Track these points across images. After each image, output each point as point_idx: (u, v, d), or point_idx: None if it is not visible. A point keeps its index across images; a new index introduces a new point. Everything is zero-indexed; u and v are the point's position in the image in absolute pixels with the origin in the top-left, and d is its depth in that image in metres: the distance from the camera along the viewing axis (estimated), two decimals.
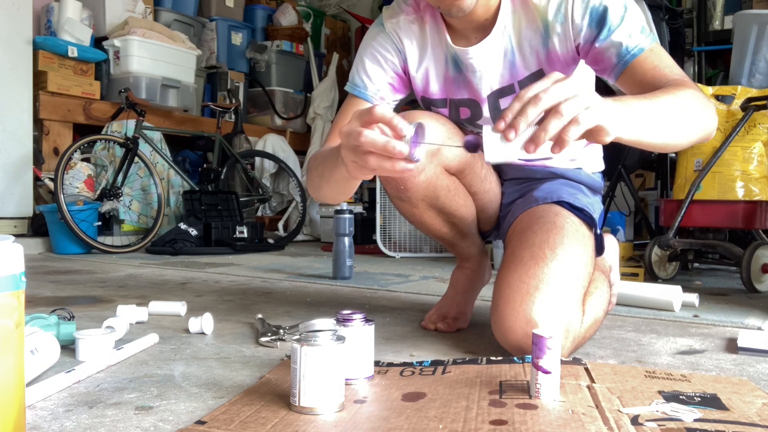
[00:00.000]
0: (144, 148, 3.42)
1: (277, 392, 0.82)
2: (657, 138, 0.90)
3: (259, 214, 4.36)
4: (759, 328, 1.41)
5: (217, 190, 3.72)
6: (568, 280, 1.00)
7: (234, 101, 4.11)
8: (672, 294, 1.61)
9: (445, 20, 1.15)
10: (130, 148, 3.27)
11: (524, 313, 0.97)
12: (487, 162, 0.80)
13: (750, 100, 2.25)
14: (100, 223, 3.27)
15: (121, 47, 3.63)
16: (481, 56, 1.13)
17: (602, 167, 1.36)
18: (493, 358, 0.94)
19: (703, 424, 0.68)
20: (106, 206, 3.31)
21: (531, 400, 0.76)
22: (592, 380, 0.84)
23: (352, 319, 0.87)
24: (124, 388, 0.89)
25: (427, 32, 1.18)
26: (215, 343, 1.19)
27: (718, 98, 2.40)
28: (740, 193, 2.27)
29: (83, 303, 1.67)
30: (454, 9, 1.04)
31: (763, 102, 2.20)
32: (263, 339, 1.18)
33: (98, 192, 3.31)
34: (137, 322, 1.36)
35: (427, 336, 1.27)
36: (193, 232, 3.36)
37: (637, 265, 2.36)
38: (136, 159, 3.33)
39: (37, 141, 3.40)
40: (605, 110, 0.78)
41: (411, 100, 1.58)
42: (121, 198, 3.36)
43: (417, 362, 0.95)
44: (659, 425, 0.68)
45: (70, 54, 3.42)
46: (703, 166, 2.25)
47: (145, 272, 2.42)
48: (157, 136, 3.62)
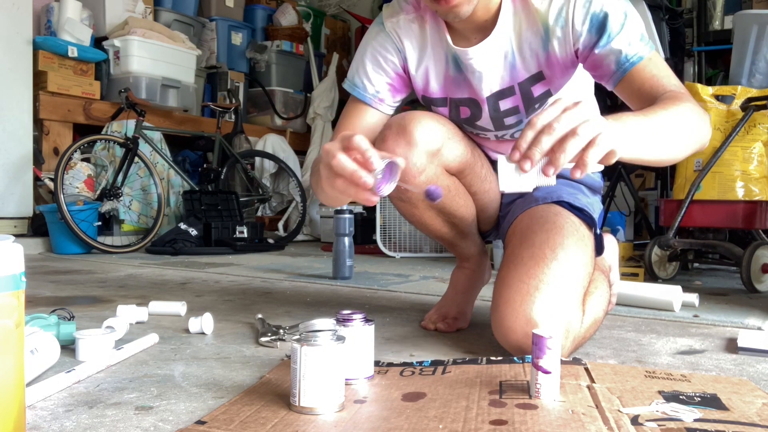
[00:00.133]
0: (144, 148, 3.42)
1: (277, 392, 0.82)
2: (656, 155, 0.92)
3: (259, 214, 4.36)
4: (759, 328, 1.41)
5: (217, 190, 3.72)
6: (568, 280, 1.00)
7: (234, 101, 4.11)
8: (672, 294, 1.61)
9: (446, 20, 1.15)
10: (130, 148, 3.27)
11: (524, 313, 0.97)
12: (502, 191, 0.81)
13: (750, 100, 2.25)
14: (100, 223, 3.27)
15: (121, 47, 3.63)
16: (481, 57, 1.12)
17: (602, 167, 1.35)
18: (493, 358, 0.94)
19: (703, 424, 0.68)
20: (106, 206, 3.31)
21: (531, 400, 0.76)
22: (592, 380, 0.84)
23: (352, 319, 0.87)
24: (124, 388, 0.89)
25: (427, 31, 1.18)
26: (215, 343, 1.19)
27: (718, 98, 2.40)
28: (740, 193, 2.27)
29: (83, 303, 1.67)
30: (451, 15, 1.05)
31: (763, 102, 2.20)
32: (263, 339, 1.18)
33: (98, 192, 3.31)
34: (137, 322, 1.36)
35: (427, 336, 1.27)
36: (193, 232, 3.36)
37: (637, 265, 2.36)
38: (136, 159, 3.33)
39: (37, 141, 3.40)
40: (614, 133, 0.79)
41: (412, 100, 1.58)
42: (121, 198, 3.36)
43: (417, 362, 0.95)
44: (659, 425, 0.68)
45: (70, 54, 3.42)
46: (703, 166, 2.25)
47: (145, 272, 2.42)
48: (157, 136, 3.62)
